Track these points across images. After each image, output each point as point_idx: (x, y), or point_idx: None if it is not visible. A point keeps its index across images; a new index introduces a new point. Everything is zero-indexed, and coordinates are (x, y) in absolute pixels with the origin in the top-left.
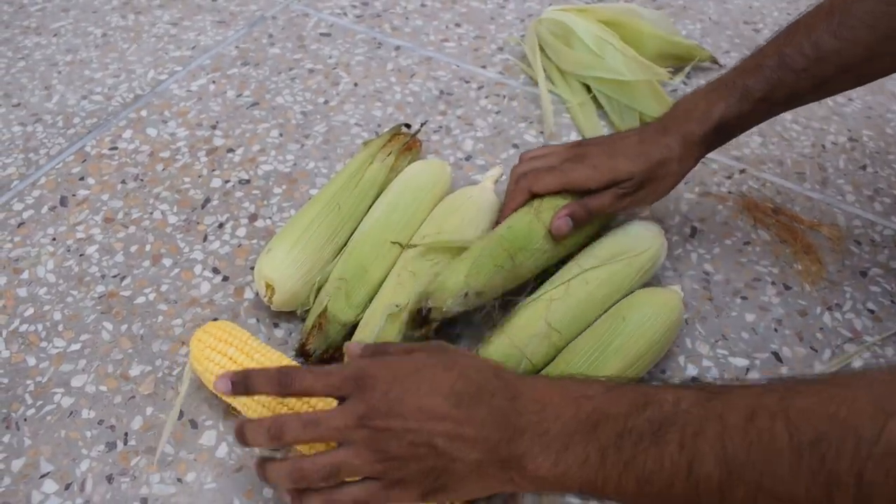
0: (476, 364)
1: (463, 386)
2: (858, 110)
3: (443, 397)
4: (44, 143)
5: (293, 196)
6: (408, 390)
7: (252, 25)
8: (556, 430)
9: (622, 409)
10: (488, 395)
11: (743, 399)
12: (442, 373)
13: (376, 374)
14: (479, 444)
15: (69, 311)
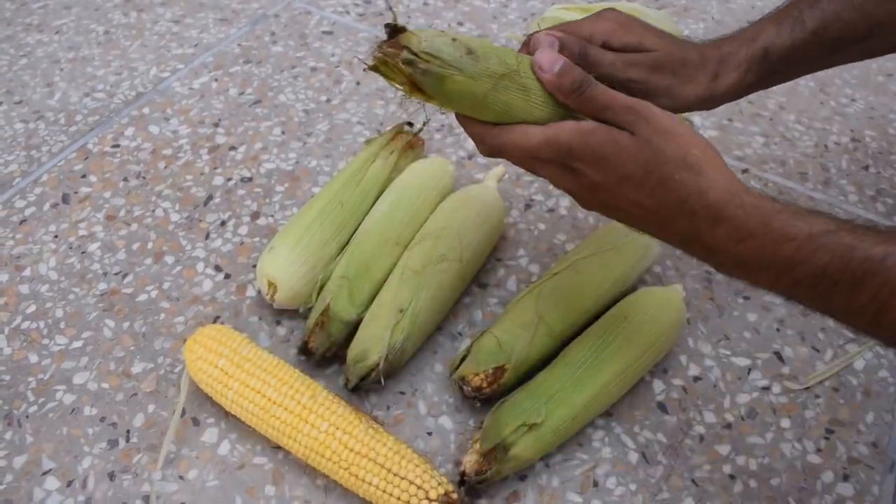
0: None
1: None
2: (861, 110)
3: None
4: (46, 140)
5: (295, 194)
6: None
7: (254, 23)
8: (749, 262)
9: (823, 258)
10: (689, 213)
11: None
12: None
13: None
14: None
15: (71, 308)
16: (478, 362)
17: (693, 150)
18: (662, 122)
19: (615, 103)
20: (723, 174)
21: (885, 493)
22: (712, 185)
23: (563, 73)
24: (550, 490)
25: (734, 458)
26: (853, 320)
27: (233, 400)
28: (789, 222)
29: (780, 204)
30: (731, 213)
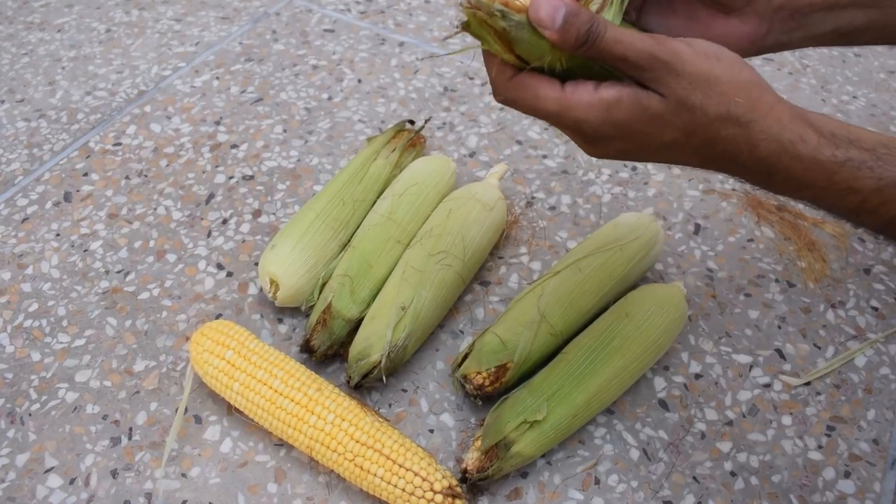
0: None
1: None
2: (862, 108)
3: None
4: (48, 138)
5: (297, 192)
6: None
7: (256, 21)
8: (808, 201)
9: (891, 211)
10: (741, 166)
11: None
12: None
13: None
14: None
15: (73, 306)
16: (480, 361)
17: (737, 98)
18: (696, 70)
19: (634, 55)
20: (774, 118)
21: (887, 490)
22: (763, 138)
23: (566, 27)
24: (552, 487)
25: (735, 454)
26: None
27: (238, 392)
28: (854, 175)
29: (844, 149)
30: (787, 166)
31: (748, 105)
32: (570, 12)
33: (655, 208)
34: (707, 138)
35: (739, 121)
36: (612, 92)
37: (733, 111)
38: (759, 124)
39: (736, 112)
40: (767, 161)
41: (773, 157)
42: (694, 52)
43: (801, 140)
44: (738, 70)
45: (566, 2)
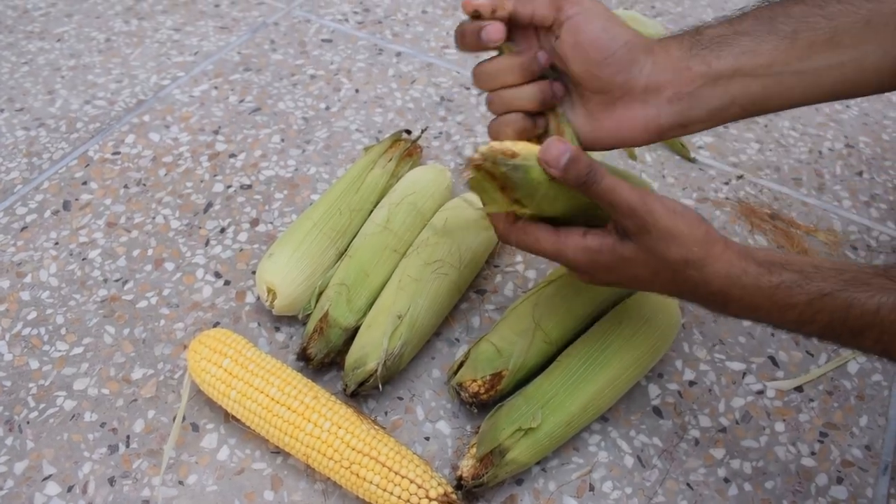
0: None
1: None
2: (855, 117)
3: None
4: (47, 147)
5: (294, 201)
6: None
7: (254, 31)
8: (764, 322)
9: (824, 319)
10: (701, 297)
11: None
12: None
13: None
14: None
15: (72, 314)
16: (475, 368)
17: (693, 248)
18: (663, 225)
19: (620, 203)
20: (723, 261)
21: (879, 496)
22: (714, 276)
23: (569, 168)
24: (547, 494)
25: (729, 461)
26: (865, 355)
27: (235, 400)
28: (788, 293)
29: (777, 275)
30: (737, 295)
31: (702, 252)
32: (573, 157)
33: None
34: (671, 277)
35: (696, 265)
36: (595, 241)
37: (690, 258)
38: (711, 267)
39: (692, 258)
40: (720, 293)
41: (724, 289)
42: (664, 210)
43: (744, 273)
44: (697, 226)
45: (570, 147)
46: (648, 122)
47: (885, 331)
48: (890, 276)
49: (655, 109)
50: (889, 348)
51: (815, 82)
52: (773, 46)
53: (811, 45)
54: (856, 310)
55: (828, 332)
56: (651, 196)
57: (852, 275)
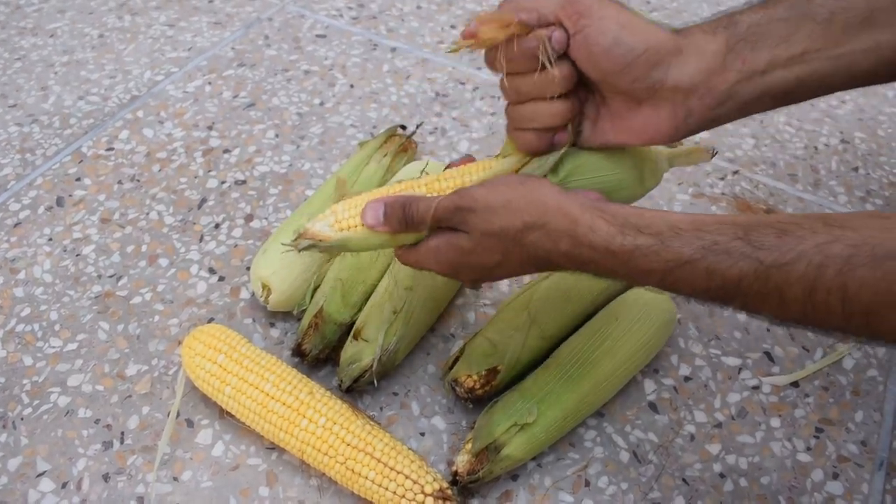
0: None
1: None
2: (850, 112)
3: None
4: (40, 143)
5: (289, 197)
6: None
7: (248, 27)
8: (630, 282)
9: (685, 289)
10: (557, 262)
11: (803, 272)
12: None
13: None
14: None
15: (66, 310)
16: (470, 364)
17: (524, 215)
18: (488, 202)
19: (442, 212)
20: (563, 216)
21: (875, 491)
22: (559, 235)
23: (388, 220)
24: (542, 490)
25: (724, 457)
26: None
27: (230, 395)
28: (644, 261)
29: (631, 236)
30: (588, 256)
31: (539, 212)
32: (388, 205)
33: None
34: (520, 249)
35: (536, 225)
36: (433, 241)
37: (528, 220)
38: (551, 224)
39: (530, 220)
40: (571, 254)
41: (574, 250)
42: (486, 190)
43: (591, 231)
44: (527, 189)
45: (382, 199)
46: (678, 123)
47: (748, 301)
48: (750, 241)
49: (685, 109)
50: (756, 313)
51: (849, 67)
52: (808, 33)
53: (846, 27)
54: (716, 279)
55: (692, 296)
56: (471, 187)
57: (712, 239)
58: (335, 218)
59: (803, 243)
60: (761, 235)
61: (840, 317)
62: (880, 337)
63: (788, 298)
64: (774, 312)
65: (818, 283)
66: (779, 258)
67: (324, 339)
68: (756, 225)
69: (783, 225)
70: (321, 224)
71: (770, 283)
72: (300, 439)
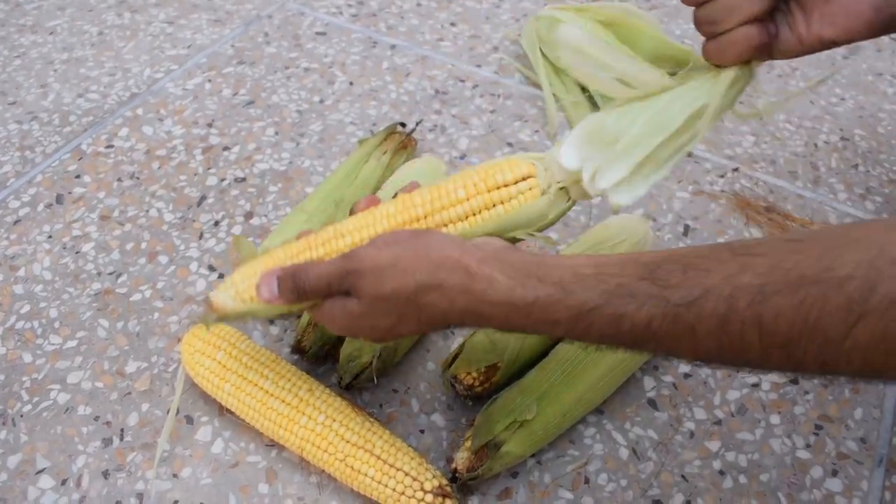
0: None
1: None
2: (850, 110)
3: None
4: (40, 141)
5: (289, 194)
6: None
7: (248, 24)
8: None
9: (595, 334)
10: (457, 320)
11: (714, 307)
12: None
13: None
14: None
15: (65, 308)
16: (470, 361)
17: (417, 274)
18: (375, 263)
19: (331, 278)
20: (460, 272)
21: (874, 488)
22: (456, 292)
23: (282, 293)
24: (542, 486)
25: (724, 453)
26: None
27: (229, 393)
28: (547, 311)
29: (531, 289)
30: (489, 312)
31: (432, 270)
32: (280, 278)
33: (645, 210)
34: (416, 310)
35: (430, 285)
36: (326, 306)
37: (420, 280)
38: (447, 282)
39: (423, 280)
40: (469, 311)
41: (472, 307)
42: (375, 249)
43: (489, 285)
44: (419, 245)
45: (274, 271)
46: (879, 2)
47: (661, 343)
48: (655, 281)
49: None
50: (672, 354)
51: None
52: None
53: None
54: (625, 324)
55: (605, 342)
56: (359, 248)
57: (616, 282)
58: (235, 290)
59: (710, 277)
60: (666, 273)
61: (758, 350)
62: (803, 368)
63: (701, 335)
64: (689, 352)
65: (730, 316)
66: (686, 295)
67: (323, 336)
68: (660, 262)
69: (688, 260)
70: (224, 296)
71: (680, 322)
72: (300, 436)
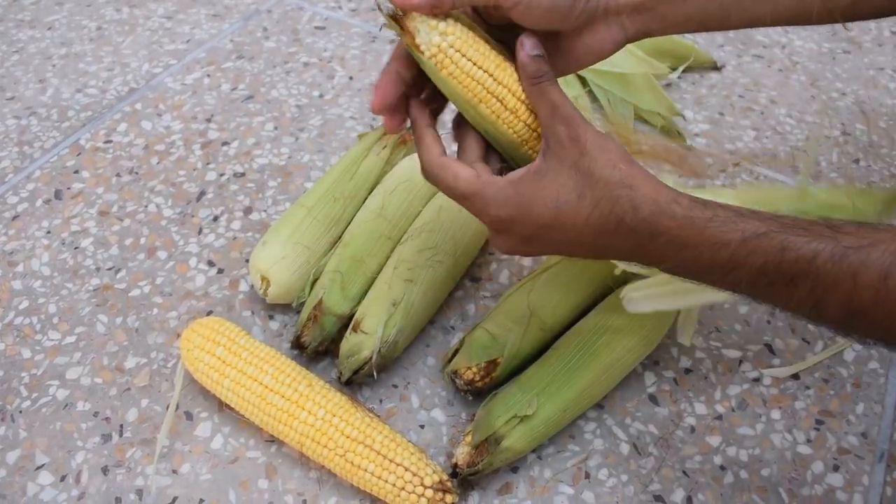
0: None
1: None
2: (851, 104)
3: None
4: (38, 136)
5: (288, 189)
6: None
7: (247, 19)
8: (692, 268)
9: (758, 261)
10: (628, 231)
11: (879, 257)
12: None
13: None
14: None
15: (64, 303)
16: (470, 356)
17: (621, 165)
18: (594, 138)
19: (561, 108)
20: (651, 185)
21: (875, 484)
22: (644, 200)
23: (535, 60)
24: (542, 482)
25: (725, 449)
26: (795, 312)
27: (228, 388)
28: (721, 229)
29: (711, 209)
30: (666, 226)
31: (630, 172)
32: (544, 56)
33: None
34: (596, 198)
35: (624, 183)
36: (518, 172)
37: (619, 174)
38: (641, 189)
39: (621, 175)
40: (649, 220)
41: (652, 217)
42: (593, 129)
43: (674, 201)
44: (621, 148)
45: (540, 46)
46: (615, 38)
47: (819, 281)
48: (829, 223)
49: (619, 26)
50: (821, 302)
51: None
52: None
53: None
54: (791, 253)
55: (760, 277)
56: (582, 118)
57: (791, 219)
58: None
59: (880, 233)
60: (840, 222)
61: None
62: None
63: (861, 283)
64: (842, 302)
65: (893, 269)
66: (855, 241)
67: (323, 331)
68: (832, 218)
69: (859, 219)
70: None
71: (845, 263)
72: (299, 432)
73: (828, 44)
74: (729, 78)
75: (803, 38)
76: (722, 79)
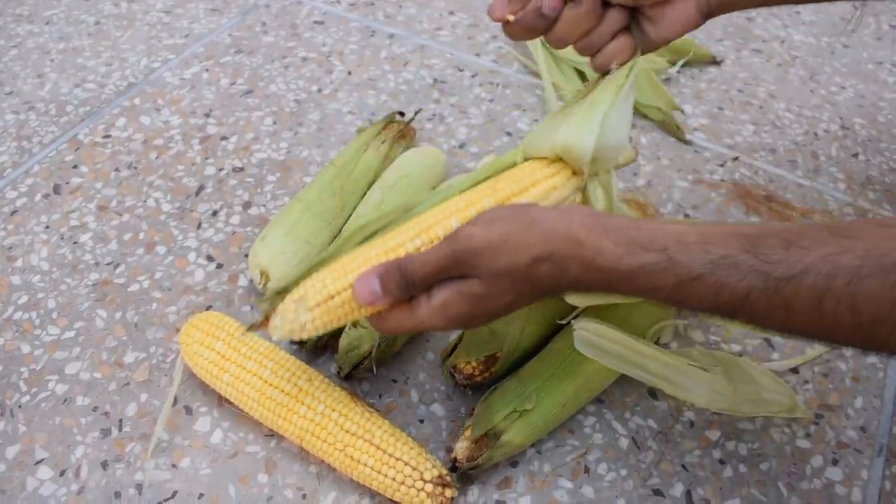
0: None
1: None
2: (850, 98)
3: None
4: (37, 131)
5: (287, 184)
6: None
7: (245, 13)
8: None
9: (695, 302)
10: (568, 289)
11: (812, 283)
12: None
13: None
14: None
15: (63, 298)
16: (469, 350)
17: (530, 248)
18: (487, 242)
19: (443, 262)
20: (571, 243)
21: (874, 478)
22: (568, 262)
23: (386, 292)
24: (542, 476)
25: (724, 443)
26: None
27: (228, 383)
28: (651, 278)
29: (637, 256)
30: (595, 279)
31: (544, 242)
32: (382, 275)
33: (645, 199)
34: (530, 284)
35: (543, 257)
36: (441, 295)
37: (535, 253)
38: (559, 252)
39: (537, 253)
40: (580, 279)
41: (583, 275)
42: (481, 228)
43: (598, 254)
44: (524, 219)
45: (372, 270)
46: (700, 6)
47: (755, 314)
48: (757, 255)
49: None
50: (761, 326)
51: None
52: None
53: None
54: (725, 294)
55: (701, 311)
56: (462, 227)
57: (719, 253)
58: (305, 303)
59: (810, 255)
60: (768, 248)
61: (848, 327)
62: (887, 348)
63: (796, 310)
64: (781, 325)
65: (827, 294)
66: (787, 270)
67: None
68: (762, 236)
69: (788, 236)
70: (284, 323)
71: (778, 296)
72: (299, 426)
73: (827, 38)
74: (728, 72)
75: (802, 32)
76: (721, 73)
